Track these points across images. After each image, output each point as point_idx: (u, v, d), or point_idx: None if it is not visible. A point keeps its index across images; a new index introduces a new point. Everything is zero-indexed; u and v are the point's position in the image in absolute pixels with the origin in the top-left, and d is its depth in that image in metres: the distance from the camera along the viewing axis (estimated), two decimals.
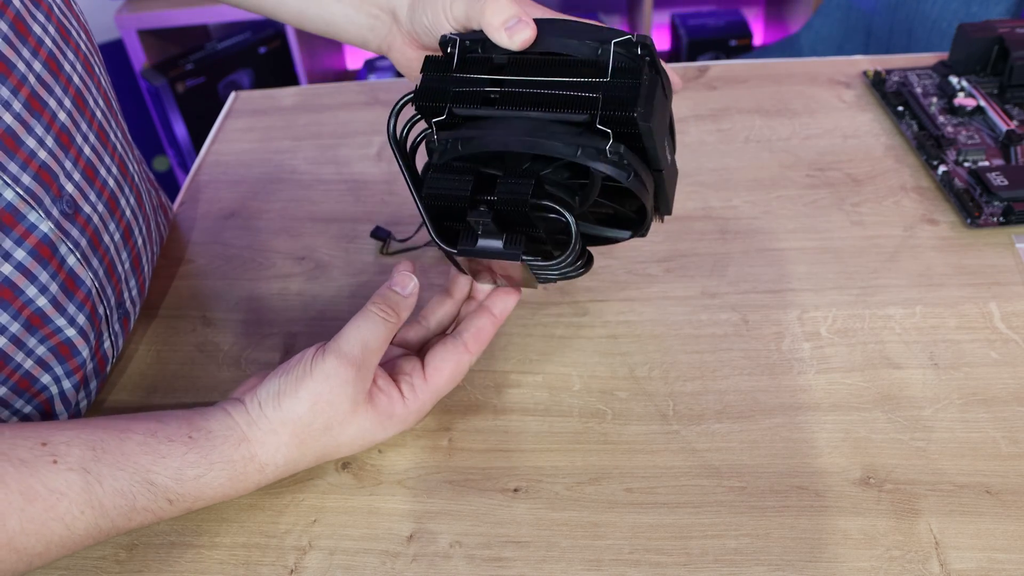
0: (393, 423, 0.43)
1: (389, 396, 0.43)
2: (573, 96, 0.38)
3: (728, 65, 0.77)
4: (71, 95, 0.45)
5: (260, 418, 0.41)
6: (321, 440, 0.41)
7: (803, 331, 0.50)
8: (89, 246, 0.45)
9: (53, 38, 0.45)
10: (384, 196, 0.64)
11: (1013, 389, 0.46)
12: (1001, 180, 0.58)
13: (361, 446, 0.43)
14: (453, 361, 0.44)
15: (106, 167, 0.48)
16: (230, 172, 0.69)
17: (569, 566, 0.40)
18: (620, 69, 0.38)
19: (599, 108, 0.37)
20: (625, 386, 0.48)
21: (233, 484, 0.40)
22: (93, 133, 0.47)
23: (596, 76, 0.38)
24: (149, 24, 1.59)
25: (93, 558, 0.41)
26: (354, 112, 0.75)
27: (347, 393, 0.41)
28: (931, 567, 0.38)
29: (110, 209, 0.48)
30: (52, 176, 0.43)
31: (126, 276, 0.50)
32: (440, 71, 0.41)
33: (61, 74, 0.45)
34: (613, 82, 0.38)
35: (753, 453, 0.44)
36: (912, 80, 0.70)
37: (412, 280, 0.45)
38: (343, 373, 0.40)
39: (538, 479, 0.43)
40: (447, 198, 0.40)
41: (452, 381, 0.45)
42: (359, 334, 0.42)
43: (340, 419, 0.41)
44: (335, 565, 0.40)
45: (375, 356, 0.42)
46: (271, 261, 0.59)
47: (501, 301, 0.47)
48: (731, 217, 0.59)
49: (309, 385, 0.40)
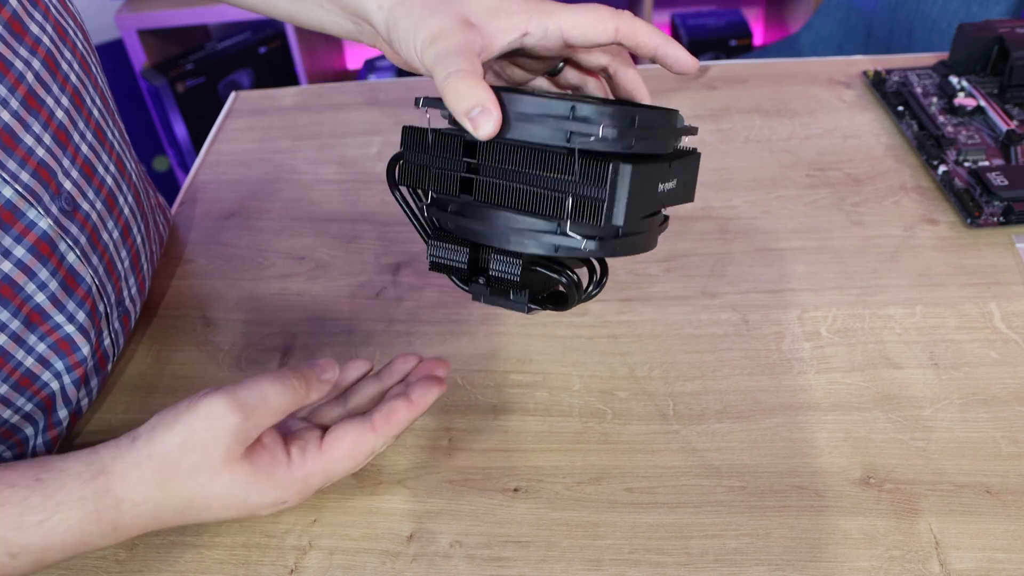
0: (271, 486, 0.38)
1: (273, 455, 0.39)
2: (545, 195, 0.38)
3: (728, 65, 0.77)
4: (68, 93, 0.45)
5: (129, 450, 0.37)
6: (187, 485, 0.37)
7: (803, 331, 0.50)
8: (88, 243, 0.45)
9: (51, 37, 0.45)
10: (384, 196, 0.64)
11: (1013, 389, 0.46)
12: (1001, 180, 0.58)
13: (234, 509, 0.38)
14: (354, 436, 0.40)
15: (104, 165, 0.48)
16: (230, 172, 0.69)
17: (569, 566, 0.40)
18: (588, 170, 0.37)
19: (567, 216, 0.38)
20: (625, 386, 0.48)
21: (84, 527, 0.36)
22: (90, 131, 0.47)
23: (567, 172, 0.37)
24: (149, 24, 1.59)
25: (93, 558, 0.41)
26: (354, 112, 0.75)
27: (223, 440, 0.37)
28: (931, 567, 0.38)
29: (108, 207, 0.48)
30: (50, 173, 0.43)
31: (125, 274, 0.50)
32: (417, 146, 0.41)
33: (59, 72, 0.45)
34: (583, 183, 0.37)
35: (753, 453, 0.44)
36: (912, 80, 0.70)
37: (333, 369, 0.42)
38: (227, 417, 0.37)
39: (538, 479, 0.43)
40: (447, 267, 0.42)
41: (350, 458, 0.40)
42: (260, 386, 0.38)
43: (210, 466, 0.37)
44: (335, 565, 0.40)
45: (269, 416, 0.38)
46: (271, 261, 0.60)
47: (423, 389, 0.42)
48: (731, 217, 0.59)
49: (187, 420, 0.37)
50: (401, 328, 0.53)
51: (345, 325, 0.54)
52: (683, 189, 0.43)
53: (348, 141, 0.71)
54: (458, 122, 0.37)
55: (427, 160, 0.41)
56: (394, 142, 0.70)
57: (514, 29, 0.40)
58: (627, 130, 0.38)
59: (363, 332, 0.53)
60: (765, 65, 0.77)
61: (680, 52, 0.42)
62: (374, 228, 0.61)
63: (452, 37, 0.39)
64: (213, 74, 1.68)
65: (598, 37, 0.41)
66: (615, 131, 0.37)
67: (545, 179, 0.38)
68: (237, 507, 0.38)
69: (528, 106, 0.38)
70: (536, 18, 0.40)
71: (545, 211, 0.38)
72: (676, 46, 0.42)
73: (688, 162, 0.42)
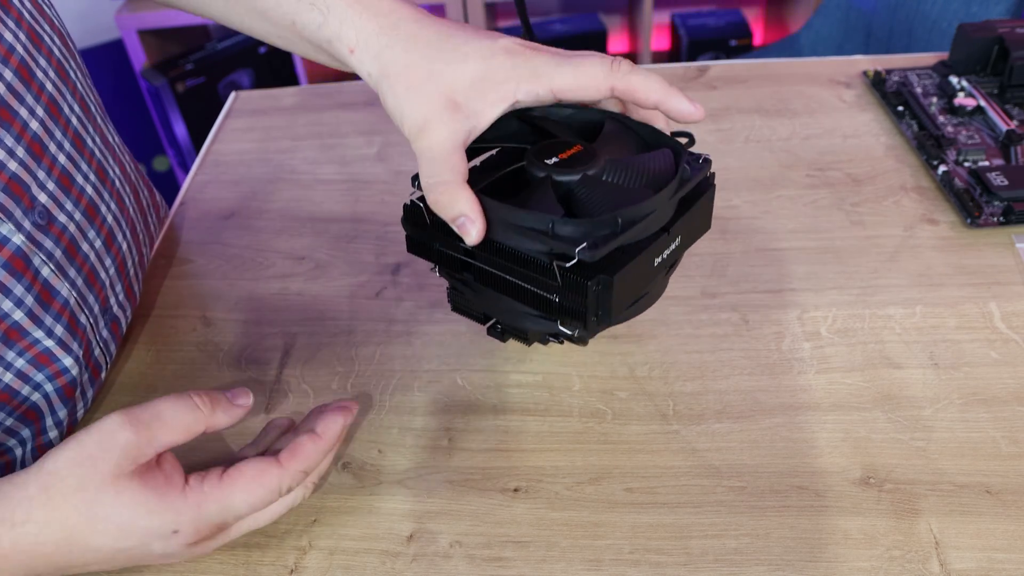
0: (163, 508, 0.36)
1: (168, 478, 0.36)
2: (534, 293, 0.40)
3: (728, 65, 0.77)
4: (44, 103, 0.44)
5: (19, 474, 0.36)
6: (71, 501, 0.35)
7: (803, 331, 0.50)
8: (65, 256, 0.44)
9: (24, 45, 0.44)
10: (384, 196, 0.64)
11: (1013, 389, 0.46)
12: (1001, 180, 0.58)
13: (121, 535, 0.35)
14: (257, 468, 0.37)
15: (83, 174, 0.47)
16: (230, 172, 0.69)
17: (569, 566, 0.40)
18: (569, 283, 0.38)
19: (556, 314, 0.40)
20: (625, 386, 0.48)
21: None
22: (68, 141, 0.46)
23: (551, 278, 0.39)
24: (149, 24, 1.59)
25: None
26: (354, 112, 0.75)
27: (113, 455, 0.35)
28: (931, 567, 0.38)
29: (89, 217, 0.47)
30: (24, 187, 0.42)
31: (111, 282, 0.49)
32: (418, 223, 0.43)
33: (33, 82, 0.44)
34: (565, 291, 0.39)
35: (753, 453, 0.44)
36: (912, 80, 0.70)
37: (247, 397, 0.40)
38: (119, 433, 0.35)
39: (538, 479, 0.43)
40: (468, 314, 0.47)
41: (250, 491, 0.37)
42: (157, 404, 0.37)
43: (97, 480, 0.35)
44: (335, 565, 0.40)
45: (164, 432, 0.36)
46: (271, 261, 0.60)
47: (328, 421, 0.41)
48: (731, 217, 0.59)
49: (79, 437, 0.35)
50: (401, 328, 0.53)
51: (345, 325, 0.54)
52: (693, 234, 0.44)
53: (348, 141, 0.71)
54: None
55: (427, 238, 0.43)
56: (394, 142, 0.70)
57: (502, 101, 0.39)
58: (611, 239, 0.38)
59: (363, 332, 0.53)
60: (765, 65, 0.77)
61: (682, 104, 0.41)
62: (374, 228, 0.61)
63: (436, 131, 0.38)
64: (213, 74, 1.68)
65: (593, 96, 0.40)
66: (594, 252, 0.37)
67: (533, 279, 0.40)
68: (124, 531, 0.35)
69: (511, 216, 0.39)
70: (525, 85, 0.39)
71: (535, 305, 0.40)
72: (677, 96, 0.41)
73: (695, 211, 0.42)
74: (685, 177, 0.41)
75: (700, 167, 0.42)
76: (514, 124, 0.45)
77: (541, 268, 0.39)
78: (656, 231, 0.40)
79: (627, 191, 0.40)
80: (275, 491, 0.38)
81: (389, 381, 0.49)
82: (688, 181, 0.41)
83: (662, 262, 0.41)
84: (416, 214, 0.43)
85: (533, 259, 0.39)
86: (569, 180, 0.40)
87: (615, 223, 0.38)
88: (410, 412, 0.48)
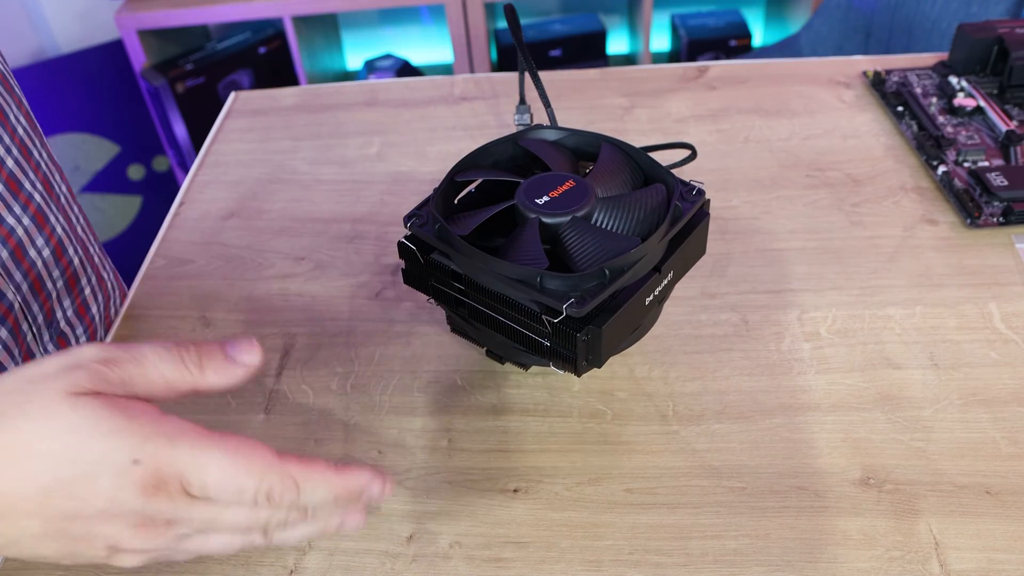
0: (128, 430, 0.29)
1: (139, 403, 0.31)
2: (526, 335, 0.41)
3: (728, 65, 0.77)
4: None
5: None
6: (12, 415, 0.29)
7: (803, 331, 0.50)
8: (12, 259, 0.44)
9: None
10: (384, 196, 0.64)
11: (1013, 389, 0.46)
12: (1001, 180, 0.58)
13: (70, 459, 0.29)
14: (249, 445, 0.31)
15: (31, 181, 0.47)
16: (230, 172, 0.69)
17: (569, 566, 0.40)
18: (559, 333, 0.39)
19: (547, 356, 0.41)
20: (625, 386, 0.48)
21: None
22: (15, 147, 0.46)
23: (542, 325, 0.40)
24: (149, 24, 1.59)
25: None
26: (354, 112, 0.75)
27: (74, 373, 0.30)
28: (931, 567, 0.38)
29: (38, 224, 0.47)
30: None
31: (58, 295, 0.48)
32: (413, 261, 0.44)
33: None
34: (555, 339, 0.40)
35: (753, 453, 0.44)
36: (912, 80, 0.70)
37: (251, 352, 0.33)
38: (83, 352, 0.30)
39: (538, 479, 0.43)
40: (466, 337, 0.48)
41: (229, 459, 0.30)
42: (143, 347, 0.31)
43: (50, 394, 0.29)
44: (335, 565, 0.40)
45: (143, 383, 0.31)
46: (271, 261, 0.59)
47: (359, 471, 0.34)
48: (731, 217, 0.59)
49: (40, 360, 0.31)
50: (401, 328, 0.53)
51: (345, 325, 0.53)
52: (687, 264, 0.44)
53: (348, 141, 0.71)
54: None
55: (423, 273, 0.44)
56: (394, 142, 0.70)
57: None
58: (599, 292, 0.38)
59: (363, 332, 0.53)
60: (765, 65, 0.77)
61: None
62: (374, 228, 0.61)
63: None
64: (213, 74, 1.67)
65: None
66: (581, 307, 0.38)
67: (524, 323, 0.40)
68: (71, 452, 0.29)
69: (499, 267, 0.39)
70: None
71: (527, 346, 0.41)
72: None
73: (688, 243, 0.42)
74: (677, 215, 0.41)
75: (693, 200, 0.42)
76: (511, 149, 0.45)
77: (532, 315, 0.40)
78: (647, 272, 0.40)
79: (616, 238, 0.40)
80: (256, 477, 0.31)
81: (389, 381, 0.49)
82: (680, 219, 0.41)
83: (654, 299, 0.41)
84: (408, 252, 0.44)
85: (523, 307, 0.40)
86: (559, 223, 0.40)
87: (603, 275, 0.38)
88: (410, 412, 0.48)
